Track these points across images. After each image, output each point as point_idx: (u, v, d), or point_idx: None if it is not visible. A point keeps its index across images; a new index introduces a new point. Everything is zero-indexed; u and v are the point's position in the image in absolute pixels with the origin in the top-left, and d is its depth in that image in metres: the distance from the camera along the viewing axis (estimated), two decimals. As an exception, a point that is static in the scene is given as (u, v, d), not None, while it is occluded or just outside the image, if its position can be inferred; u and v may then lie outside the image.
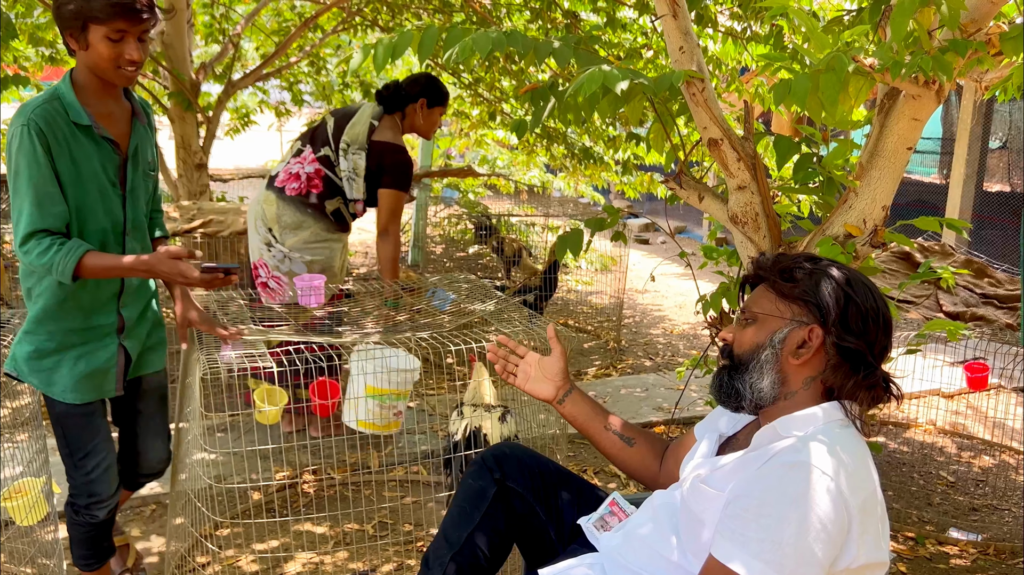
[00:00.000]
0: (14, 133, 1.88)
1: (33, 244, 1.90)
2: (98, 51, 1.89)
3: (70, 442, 2.15)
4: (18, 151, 1.88)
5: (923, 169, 9.97)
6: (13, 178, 1.90)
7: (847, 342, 1.40)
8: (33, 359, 2.08)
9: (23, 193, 1.89)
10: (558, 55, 1.97)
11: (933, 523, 3.16)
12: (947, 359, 4.42)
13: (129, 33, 1.89)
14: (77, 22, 1.86)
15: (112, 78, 1.95)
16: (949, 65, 1.65)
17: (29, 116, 1.88)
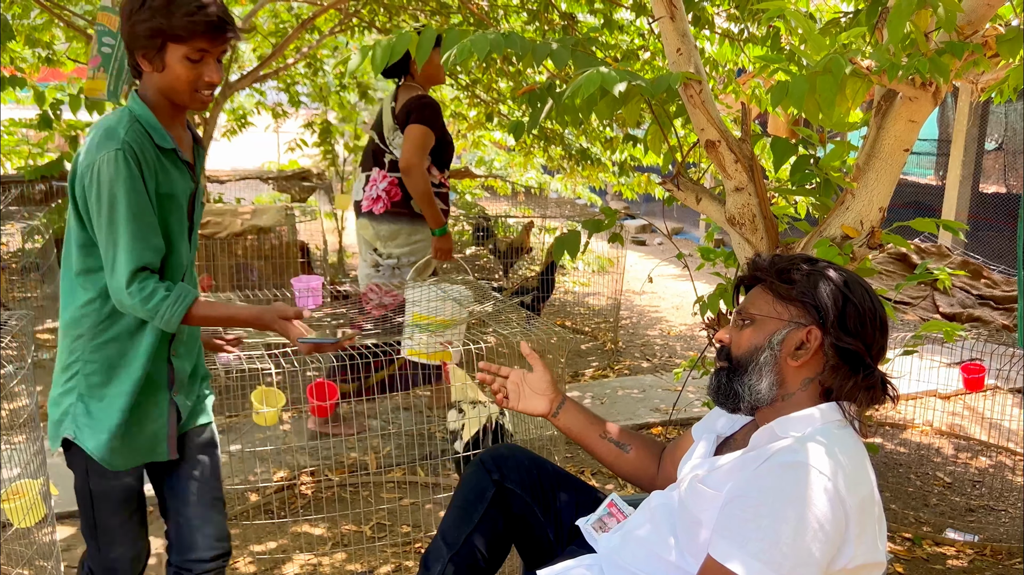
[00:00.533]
0: (106, 159, 1.67)
1: (136, 287, 1.71)
2: (176, 73, 1.74)
3: (98, 521, 1.89)
4: (114, 179, 1.67)
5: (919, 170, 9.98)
6: (108, 210, 1.68)
7: (845, 343, 1.40)
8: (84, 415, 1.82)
9: (121, 225, 1.68)
10: (556, 57, 1.97)
11: (930, 524, 3.16)
12: (944, 360, 4.43)
13: (210, 53, 1.75)
14: (154, 41, 1.70)
15: (187, 102, 1.79)
16: (946, 67, 1.65)
17: (123, 140, 1.69)
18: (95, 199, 1.69)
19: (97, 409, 1.81)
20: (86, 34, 4.90)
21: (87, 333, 1.80)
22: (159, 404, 1.88)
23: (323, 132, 7.61)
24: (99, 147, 1.69)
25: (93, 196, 1.69)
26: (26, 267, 5.39)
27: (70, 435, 1.81)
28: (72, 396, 1.82)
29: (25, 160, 6.71)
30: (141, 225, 1.71)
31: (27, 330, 2.76)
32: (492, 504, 1.75)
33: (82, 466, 1.85)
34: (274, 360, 2.60)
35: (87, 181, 1.69)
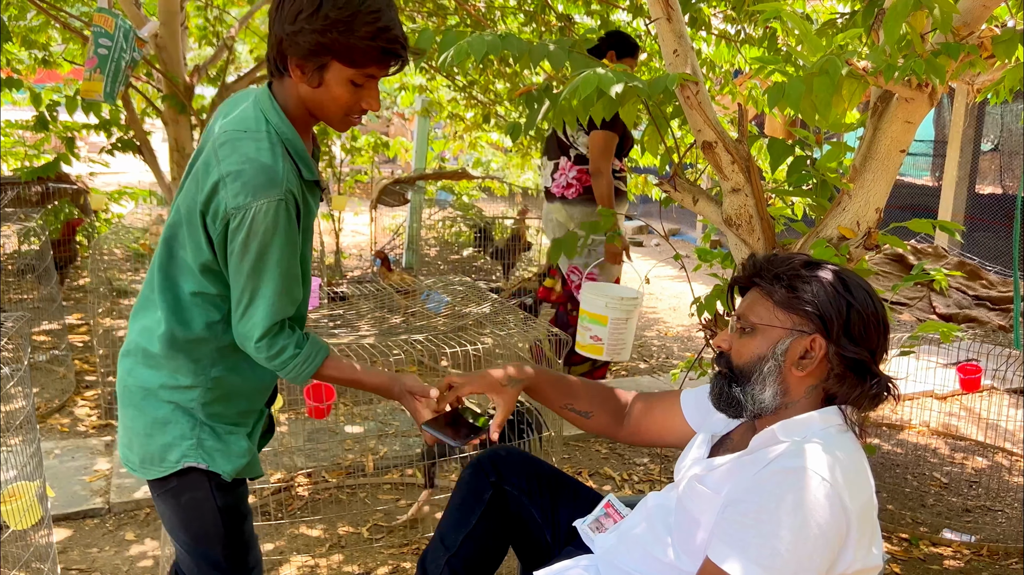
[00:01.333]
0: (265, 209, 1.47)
1: (266, 343, 1.56)
2: (334, 95, 1.53)
3: (232, 539, 1.72)
4: (270, 231, 1.48)
5: (916, 172, 10.00)
6: (255, 260, 1.50)
7: (851, 352, 1.37)
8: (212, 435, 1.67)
9: (268, 279, 1.52)
10: (553, 58, 1.97)
11: (927, 524, 3.17)
12: (940, 361, 4.43)
13: (376, 78, 1.54)
14: (319, 56, 1.48)
15: (334, 124, 1.60)
16: (942, 68, 1.65)
17: (285, 189, 1.50)
18: (241, 244, 1.49)
19: (226, 432, 1.66)
20: (83, 35, 4.90)
21: (206, 358, 1.63)
22: (263, 415, 1.80)
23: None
24: (257, 191, 1.48)
25: (240, 240, 1.49)
26: (22, 269, 5.39)
27: (199, 463, 1.63)
28: (186, 422, 1.63)
29: (21, 162, 6.71)
30: (288, 279, 1.55)
31: (23, 332, 2.76)
32: (489, 506, 1.75)
33: (205, 487, 1.67)
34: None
35: (234, 223, 1.49)
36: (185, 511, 1.69)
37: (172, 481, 1.66)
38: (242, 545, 1.74)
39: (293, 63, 1.51)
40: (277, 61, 1.54)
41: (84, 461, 3.43)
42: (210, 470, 1.64)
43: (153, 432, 1.64)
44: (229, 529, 1.71)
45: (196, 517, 1.69)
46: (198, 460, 1.63)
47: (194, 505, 1.67)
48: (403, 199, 7.50)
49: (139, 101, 5.98)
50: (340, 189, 8.08)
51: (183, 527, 1.71)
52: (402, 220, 8.43)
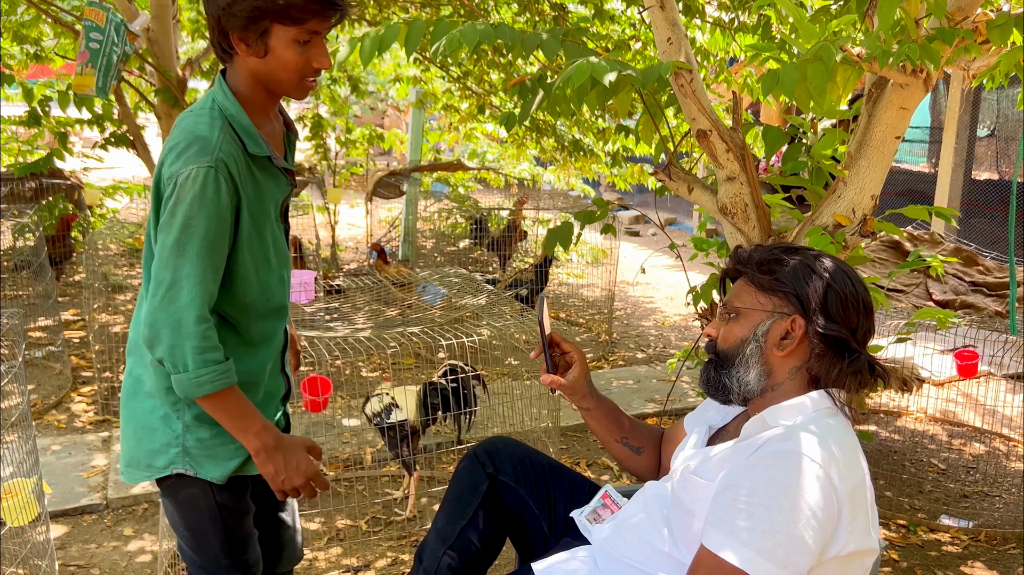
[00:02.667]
0: (191, 175, 1.44)
1: (203, 331, 1.48)
2: (282, 59, 1.50)
3: (230, 535, 1.68)
4: (195, 201, 1.44)
5: (912, 158, 9.99)
6: (179, 231, 1.45)
7: (829, 330, 1.40)
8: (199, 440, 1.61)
9: (189, 254, 1.45)
10: (546, 47, 1.96)
11: (924, 510, 3.17)
12: (937, 347, 4.44)
13: (320, 34, 1.52)
14: (258, 23, 1.46)
15: (291, 91, 1.56)
16: (936, 53, 1.65)
17: (216, 156, 1.46)
18: (169, 213, 1.45)
19: (212, 435, 1.60)
20: (74, 30, 4.87)
21: None
22: (275, 419, 1.75)
23: (314, 126, 7.58)
24: (188, 157, 1.46)
25: (168, 209, 1.46)
26: (17, 265, 5.37)
27: (186, 470, 1.60)
28: (172, 427, 1.59)
29: (15, 157, 6.68)
30: (214, 264, 1.49)
31: (18, 329, 2.75)
32: (486, 497, 1.75)
33: (201, 487, 1.63)
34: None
35: (166, 192, 1.47)
36: (183, 508, 1.67)
37: (168, 480, 1.64)
38: (241, 542, 1.72)
39: (235, 38, 1.50)
40: (221, 43, 1.53)
41: (81, 457, 3.42)
42: (199, 476, 1.61)
43: (141, 437, 1.63)
44: (227, 526, 1.68)
45: (194, 514, 1.67)
46: (186, 467, 1.60)
47: (191, 503, 1.66)
48: (399, 191, 7.49)
49: (132, 95, 5.95)
50: (335, 182, 8.06)
51: (183, 523, 1.70)
52: (398, 212, 8.41)
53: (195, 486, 1.64)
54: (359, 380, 4.39)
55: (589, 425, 1.82)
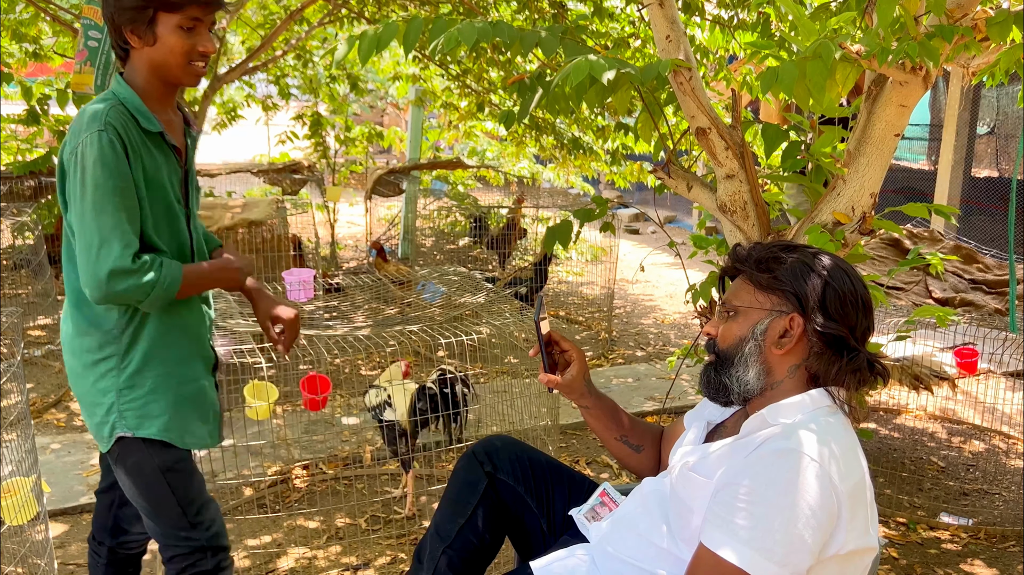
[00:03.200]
0: (87, 142, 1.60)
1: (127, 270, 1.61)
2: (168, 45, 1.66)
3: (180, 497, 1.80)
4: (96, 162, 1.59)
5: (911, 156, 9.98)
6: (90, 192, 1.60)
7: (828, 328, 1.40)
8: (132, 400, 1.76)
9: (107, 209, 1.60)
10: (544, 45, 1.95)
11: (924, 508, 3.17)
12: (937, 345, 4.43)
13: (203, 21, 1.68)
14: (144, 13, 1.63)
15: (180, 76, 1.71)
16: (935, 51, 1.64)
17: (105, 121, 1.62)
18: (79, 184, 1.61)
19: (144, 395, 1.74)
20: (72, 28, 4.86)
21: (115, 326, 1.73)
22: (207, 386, 1.86)
23: (314, 124, 7.57)
24: (81, 131, 1.62)
25: (77, 181, 1.61)
26: (16, 264, 5.37)
27: (126, 433, 1.74)
28: (111, 394, 1.74)
29: (13, 156, 6.67)
30: (128, 209, 1.63)
31: (17, 327, 2.74)
32: (484, 496, 1.75)
33: (143, 452, 1.76)
34: (266, 354, 2.59)
35: (70, 169, 1.62)
36: (132, 477, 1.79)
37: (115, 450, 1.78)
38: (192, 502, 1.82)
39: (127, 32, 1.66)
40: (119, 43, 1.70)
41: (80, 456, 3.42)
42: (137, 436, 1.74)
43: (91, 415, 1.79)
44: (175, 487, 1.79)
45: (142, 480, 1.79)
46: (123, 430, 1.74)
47: (137, 470, 1.78)
48: (398, 189, 7.48)
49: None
50: (335, 180, 8.06)
51: (136, 493, 1.81)
52: (397, 210, 8.41)
53: (138, 452, 1.77)
54: (358, 378, 4.39)
55: (588, 423, 1.81)
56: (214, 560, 1.84)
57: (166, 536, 1.83)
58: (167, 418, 1.76)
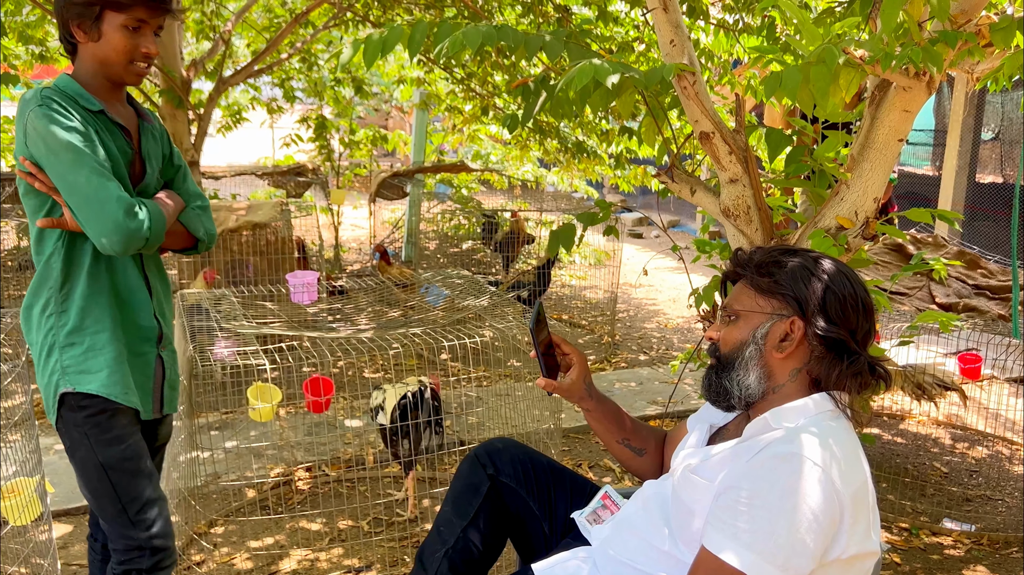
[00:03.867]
0: (32, 118, 1.65)
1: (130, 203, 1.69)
2: (112, 42, 1.71)
3: (122, 494, 1.82)
4: (51, 129, 1.64)
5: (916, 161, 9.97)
6: (63, 154, 1.65)
7: (828, 331, 1.40)
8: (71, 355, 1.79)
9: (84, 161, 1.66)
10: (549, 49, 1.96)
11: (927, 514, 3.17)
12: (940, 350, 4.42)
13: (148, 24, 1.72)
14: (91, 9, 1.68)
15: (122, 74, 1.75)
16: (939, 56, 1.64)
17: (41, 96, 1.67)
18: (46, 154, 1.65)
19: (83, 352, 1.78)
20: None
21: (52, 293, 1.78)
22: (147, 355, 1.88)
23: (318, 127, 7.59)
24: (23, 111, 1.67)
25: (42, 153, 1.66)
26: (22, 265, 5.38)
27: (68, 388, 1.77)
28: (54, 355, 1.78)
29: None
30: (100, 158, 1.69)
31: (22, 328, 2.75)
32: (486, 499, 1.75)
33: (82, 426, 1.78)
34: (269, 356, 2.59)
35: (33, 147, 1.67)
36: (72, 452, 1.82)
37: (58, 423, 1.80)
38: (134, 500, 1.82)
39: (74, 26, 1.71)
40: (66, 37, 1.74)
41: (84, 456, 3.42)
42: (78, 391, 1.76)
43: (46, 379, 1.80)
44: (119, 485, 1.80)
45: (84, 474, 1.81)
46: (66, 385, 1.77)
47: (81, 464, 1.81)
48: (402, 192, 7.50)
49: (136, 96, 5.96)
50: (339, 183, 8.07)
51: (81, 484, 1.83)
52: (401, 213, 8.42)
53: (78, 425, 1.78)
54: (361, 381, 4.40)
55: (591, 425, 1.81)
56: (152, 560, 1.84)
57: (108, 529, 1.86)
58: (105, 374, 1.78)
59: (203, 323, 2.95)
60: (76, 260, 1.78)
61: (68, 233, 1.76)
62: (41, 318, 1.80)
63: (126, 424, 1.83)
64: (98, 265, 1.79)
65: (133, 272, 1.86)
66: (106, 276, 1.81)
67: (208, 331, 2.89)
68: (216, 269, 4.57)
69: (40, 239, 1.78)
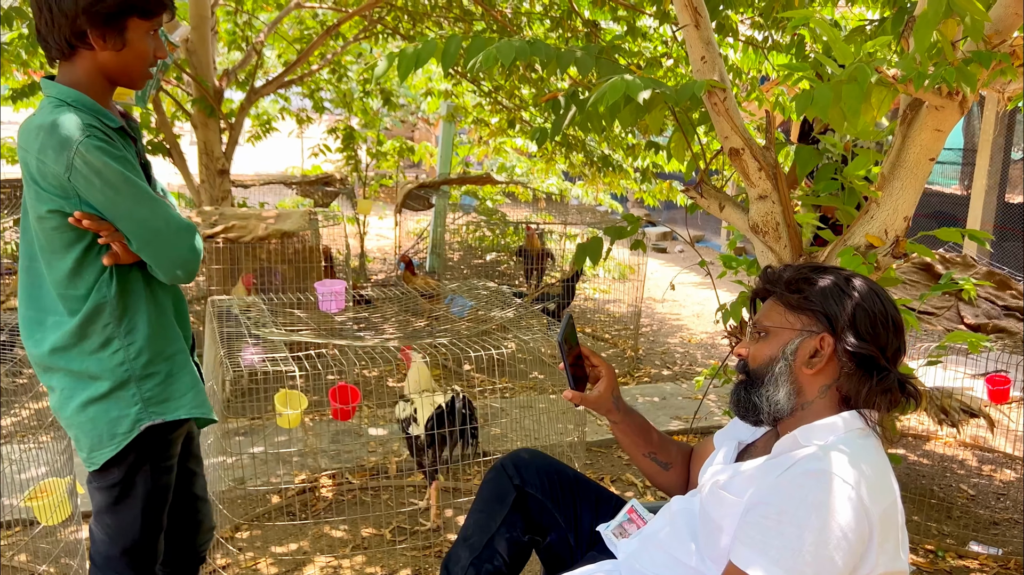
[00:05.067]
0: (82, 151, 1.57)
1: (195, 231, 1.71)
2: (137, 50, 1.65)
3: (147, 513, 1.80)
4: (106, 163, 1.58)
5: (944, 180, 9.88)
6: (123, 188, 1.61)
7: (858, 348, 1.40)
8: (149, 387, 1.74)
9: (144, 193, 1.64)
10: (580, 64, 1.98)
11: (953, 536, 3.13)
12: (968, 371, 4.38)
13: (157, 28, 1.71)
14: (119, 18, 1.61)
15: (137, 80, 1.71)
16: (973, 76, 1.64)
17: (84, 125, 1.59)
18: (102, 188, 1.59)
19: (164, 378, 1.75)
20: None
21: (111, 328, 1.70)
22: (192, 364, 1.86)
23: (346, 138, 7.66)
24: (63, 143, 1.56)
25: (97, 188, 1.58)
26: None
27: (155, 420, 1.73)
28: (130, 389, 1.71)
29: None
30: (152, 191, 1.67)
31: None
32: (513, 509, 1.76)
33: (149, 459, 1.76)
34: (298, 363, 2.62)
35: (79, 183, 1.58)
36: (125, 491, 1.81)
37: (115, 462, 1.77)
38: (158, 526, 1.84)
39: (95, 34, 1.61)
40: (70, 40, 1.61)
41: (112, 459, 3.47)
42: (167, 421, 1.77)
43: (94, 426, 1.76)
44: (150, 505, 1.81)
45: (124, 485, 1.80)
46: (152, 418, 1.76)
47: (129, 480, 1.80)
48: (427, 203, 7.54)
49: (169, 104, 6.05)
50: (365, 193, 8.14)
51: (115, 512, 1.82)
52: (426, 224, 8.46)
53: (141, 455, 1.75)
54: (387, 390, 4.42)
55: (617, 438, 1.82)
56: None
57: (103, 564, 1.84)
58: (190, 396, 1.79)
59: (233, 329, 2.98)
60: (131, 289, 1.73)
61: (115, 265, 1.69)
62: (102, 355, 1.70)
63: (176, 445, 1.85)
64: (151, 288, 1.77)
65: (167, 286, 1.84)
66: (161, 297, 1.80)
67: (238, 337, 2.92)
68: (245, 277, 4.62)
69: (77, 274, 1.67)
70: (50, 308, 1.71)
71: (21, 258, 1.73)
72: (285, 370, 2.58)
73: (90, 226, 1.62)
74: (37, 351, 1.74)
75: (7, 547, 2.77)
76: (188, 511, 2.02)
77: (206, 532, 2.09)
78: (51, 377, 1.75)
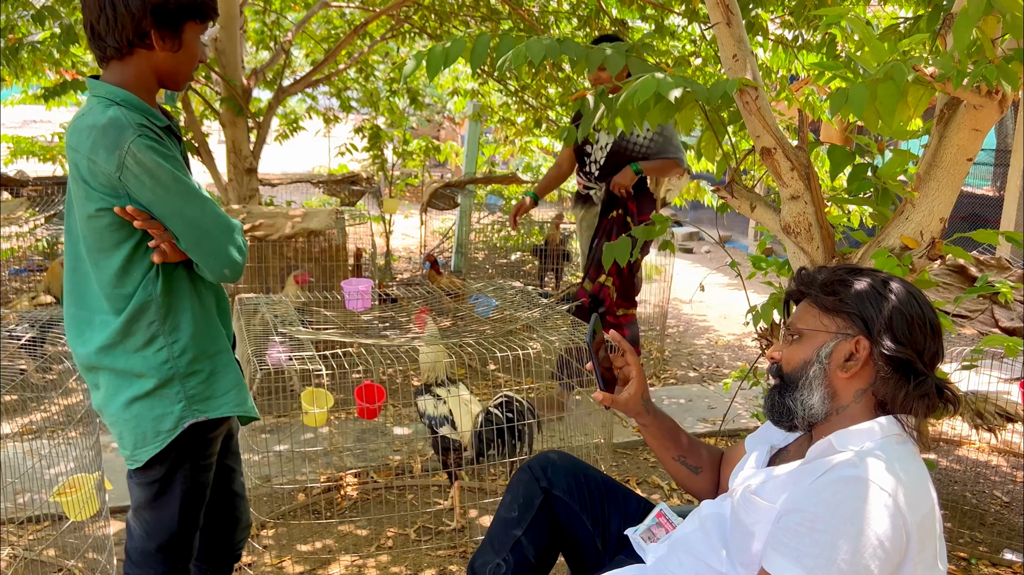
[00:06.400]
0: (134, 151, 1.57)
1: (242, 231, 1.73)
2: (191, 52, 1.68)
3: (185, 510, 1.82)
4: (158, 163, 1.59)
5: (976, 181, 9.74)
6: (173, 188, 1.61)
7: (895, 351, 1.37)
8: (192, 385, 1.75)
9: (194, 193, 1.65)
10: (610, 62, 1.96)
11: (986, 543, 3.07)
12: (1002, 376, 4.30)
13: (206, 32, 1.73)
14: (179, 20, 1.63)
15: (183, 82, 1.72)
16: (1015, 74, 1.61)
17: (135, 124, 1.59)
18: (153, 187, 1.59)
19: (206, 376, 1.76)
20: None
21: (155, 325, 1.70)
22: (234, 361, 1.87)
23: (372, 137, 7.69)
24: (114, 141, 1.57)
25: (147, 187, 1.59)
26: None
27: (198, 418, 1.74)
28: (174, 387, 1.72)
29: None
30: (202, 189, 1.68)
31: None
32: (540, 511, 1.74)
33: (190, 457, 1.78)
34: (326, 362, 2.62)
35: (129, 181, 1.58)
36: (164, 487, 1.84)
37: (157, 460, 1.79)
38: (195, 523, 1.86)
39: (157, 35, 1.62)
40: (132, 39, 1.62)
41: (140, 455, 3.49)
42: (210, 419, 1.80)
43: (138, 423, 1.77)
44: (188, 500, 1.83)
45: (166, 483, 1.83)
46: (196, 415, 1.78)
47: (170, 472, 1.82)
48: (453, 203, 7.55)
49: (198, 103, 6.10)
50: (391, 192, 8.16)
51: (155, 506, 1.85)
52: (451, 224, 8.47)
53: (183, 452, 1.77)
54: (412, 389, 4.42)
55: (647, 441, 1.79)
56: None
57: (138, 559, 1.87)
58: (233, 393, 1.80)
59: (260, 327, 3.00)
60: (175, 288, 1.73)
61: (162, 264, 1.69)
62: (147, 352, 1.71)
63: (216, 444, 1.86)
64: (195, 287, 1.77)
65: (211, 284, 1.84)
66: (204, 296, 1.80)
67: (265, 335, 2.93)
68: (271, 275, 4.64)
69: (126, 272, 1.67)
70: (97, 307, 1.72)
71: (66, 259, 1.74)
72: (313, 369, 2.58)
73: (141, 225, 1.62)
74: (84, 351, 1.74)
75: (36, 542, 2.80)
76: (226, 508, 2.04)
77: (243, 529, 2.10)
78: (96, 375, 1.76)
